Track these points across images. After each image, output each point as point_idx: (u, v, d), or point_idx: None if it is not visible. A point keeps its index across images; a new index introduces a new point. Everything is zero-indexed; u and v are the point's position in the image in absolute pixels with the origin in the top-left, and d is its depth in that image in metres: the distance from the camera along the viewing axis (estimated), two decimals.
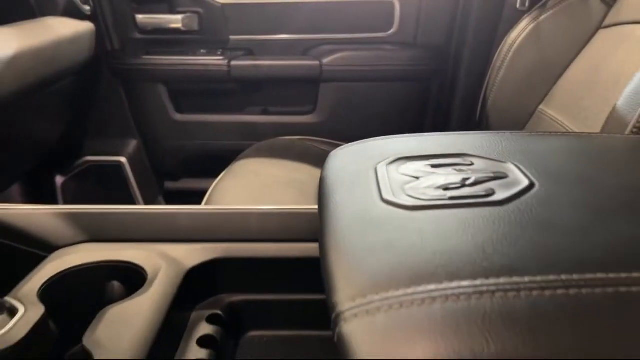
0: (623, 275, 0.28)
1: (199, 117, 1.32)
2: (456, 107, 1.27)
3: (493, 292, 0.27)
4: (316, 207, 0.45)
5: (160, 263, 0.54)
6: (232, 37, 1.28)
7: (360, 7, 1.25)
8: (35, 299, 0.48)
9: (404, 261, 0.30)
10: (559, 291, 0.27)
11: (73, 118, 1.23)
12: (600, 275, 0.28)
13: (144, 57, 1.26)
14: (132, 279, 0.53)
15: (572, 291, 0.27)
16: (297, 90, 1.31)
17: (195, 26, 1.26)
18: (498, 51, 1.09)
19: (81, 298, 0.52)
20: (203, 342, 0.51)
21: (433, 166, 0.43)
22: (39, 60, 0.89)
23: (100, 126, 1.31)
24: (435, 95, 1.32)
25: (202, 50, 1.27)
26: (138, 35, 1.27)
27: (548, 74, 1.03)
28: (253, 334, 0.58)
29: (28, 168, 1.17)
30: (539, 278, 0.28)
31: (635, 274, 0.28)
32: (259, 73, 1.27)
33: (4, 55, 0.79)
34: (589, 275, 0.28)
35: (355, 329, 0.27)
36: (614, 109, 0.66)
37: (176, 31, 1.25)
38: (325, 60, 1.25)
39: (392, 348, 0.26)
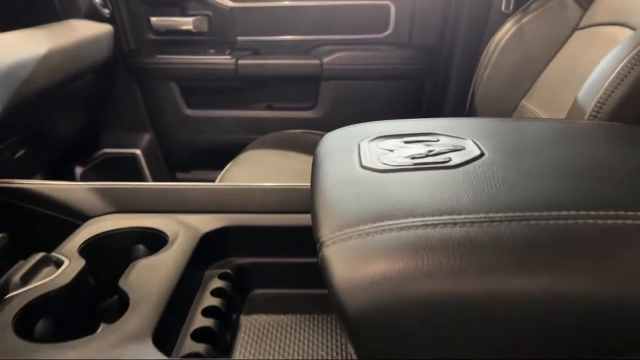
0: (536, 213, 0.37)
1: (208, 113, 1.42)
2: (448, 104, 1.36)
3: (435, 225, 0.36)
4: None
5: (179, 229, 0.63)
6: (239, 37, 1.37)
7: (358, 10, 1.34)
8: (77, 254, 0.58)
9: (371, 206, 0.39)
10: (485, 224, 0.36)
11: (92, 113, 1.33)
12: (518, 213, 0.37)
13: (158, 56, 1.35)
14: (155, 242, 0.63)
15: (494, 224, 0.36)
16: (300, 87, 1.40)
17: (205, 28, 1.36)
18: (485, 50, 1.18)
19: (112, 257, 0.62)
20: (215, 293, 0.60)
21: (406, 142, 0.52)
22: (65, 59, 0.99)
23: (117, 121, 1.41)
24: (429, 93, 1.41)
25: (211, 50, 1.36)
26: (152, 36, 1.37)
27: (529, 71, 1.11)
28: (257, 292, 0.68)
29: (50, 159, 1.27)
30: (471, 216, 0.37)
31: (545, 213, 0.37)
32: (264, 71, 1.37)
33: (37, 54, 0.89)
34: (509, 214, 0.37)
35: (333, 252, 0.36)
36: (575, 100, 0.75)
37: (187, 32, 1.35)
38: (326, 60, 1.34)
39: (359, 263, 0.35)
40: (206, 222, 0.66)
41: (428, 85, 1.39)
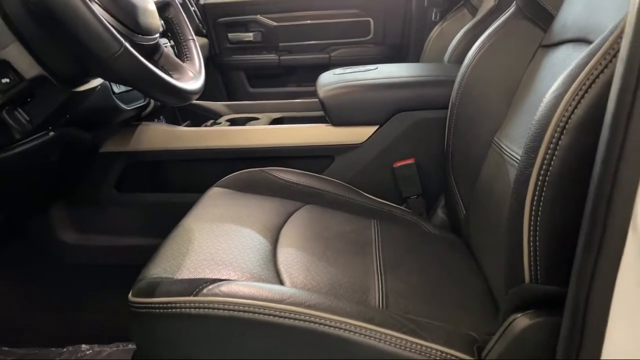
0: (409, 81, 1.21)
1: (262, 90, 2.30)
2: None
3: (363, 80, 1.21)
4: None
5: (258, 116, 1.50)
6: (280, 43, 2.25)
7: (351, 24, 2.19)
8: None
9: (337, 80, 1.24)
10: (380, 79, 1.20)
11: None
12: (395, 77, 1.21)
13: (233, 56, 2.25)
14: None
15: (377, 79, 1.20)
16: (317, 72, 2.20)
17: (259, 38, 2.24)
18: (424, 44, 2.02)
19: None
20: None
21: (352, 69, 1.38)
22: None
23: (207, 96, 2.30)
24: None
25: (264, 52, 2.25)
26: (229, 45, 2.26)
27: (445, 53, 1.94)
28: None
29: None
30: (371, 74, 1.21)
31: (412, 77, 1.21)
32: (295, 63, 2.24)
33: None
34: (389, 78, 1.21)
35: (322, 90, 1.21)
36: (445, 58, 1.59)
37: (249, 42, 2.24)
38: (332, 54, 2.21)
39: (330, 89, 1.20)
40: (270, 115, 1.53)
41: None
